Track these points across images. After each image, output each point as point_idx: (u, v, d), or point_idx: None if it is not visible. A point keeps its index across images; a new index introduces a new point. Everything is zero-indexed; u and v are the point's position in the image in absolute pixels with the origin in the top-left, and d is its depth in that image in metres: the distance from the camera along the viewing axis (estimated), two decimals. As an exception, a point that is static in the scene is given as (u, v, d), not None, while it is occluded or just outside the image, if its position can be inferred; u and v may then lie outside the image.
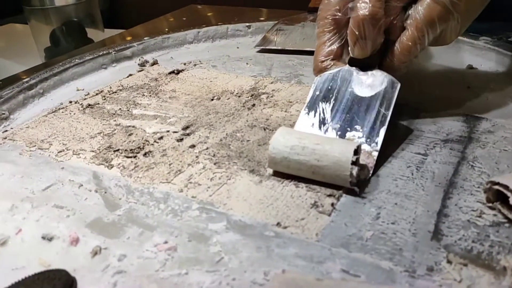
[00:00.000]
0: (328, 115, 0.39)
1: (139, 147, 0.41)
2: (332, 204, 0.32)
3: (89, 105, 0.50)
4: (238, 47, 0.67)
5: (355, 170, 0.32)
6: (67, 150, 0.41)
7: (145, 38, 0.66)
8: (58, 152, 0.41)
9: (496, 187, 0.31)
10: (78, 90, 0.55)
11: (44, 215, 0.33)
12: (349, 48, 0.39)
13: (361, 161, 0.35)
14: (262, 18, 0.74)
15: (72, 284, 0.25)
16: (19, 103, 0.51)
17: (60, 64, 0.57)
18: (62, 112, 0.49)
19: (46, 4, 0.73)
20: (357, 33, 0.38)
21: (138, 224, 0.32)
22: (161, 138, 0.42)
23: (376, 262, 0.28)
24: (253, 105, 0.48)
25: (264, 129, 0.43)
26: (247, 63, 0.60)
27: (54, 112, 0.49)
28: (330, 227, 0.31)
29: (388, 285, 0.25)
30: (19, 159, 0.41)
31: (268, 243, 0.29)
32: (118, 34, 0.72)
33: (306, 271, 0.27)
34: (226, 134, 0.42)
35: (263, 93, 0.50)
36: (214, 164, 0.38)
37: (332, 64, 0.41)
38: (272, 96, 0.49)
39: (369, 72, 0.40)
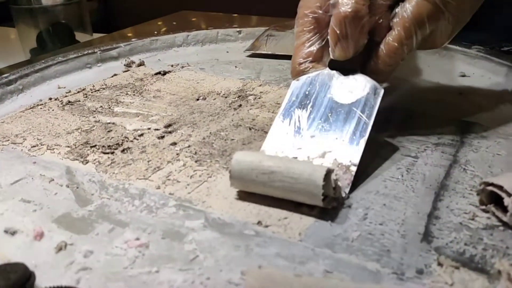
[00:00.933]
0: (304, 123, 0.36)
1: (117, 144, 0.39)
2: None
3: (69, 102, 0.48)
4: (227, 52, 0.66)
5: (330, 186, 0.29)
6: (41, 145, 0.39)
7: (133, 40, 0.64)
8: (32, 147, 0.39)
9: (490, 188, 0.29)
10: (59, 88, 0.53)
11: (9, 209, 0.31)
12: (330, 49, 0.36)
13: (336, 177, 0.31)
14: (253, 25, 0.73)
15: (30, 278, 0.23)
16: (-4, 98, 0.48)
17: (43, 61, 0.55)
18: (40, 108, 0.47)
19: (33, 3, 0.71)
20: (338, 32, 0.35)
21: (109, 220, 0.30)
22: (141, 135, 0.40)
23: (362, 263, 0.26)
24: (240, 105, 0.46)
25: (250, 129, 0.41)
26: (236, 67, 0.59)
27: (32, 108, 0.47)
28: (314, 227, 0.29)
29: (373, 284, 0.24)
30: (-11, 153, 0.38)
31: (247, 242, 0.27)
32: (106, 35, 0.71)
33: (286, 271, 0.25)
34: (210, 133, 0.41)
35: (251, 95, 0.49)
36: (195, 162, 0.36)
37: (311, 67, 0.38)
38: (259, 98, 0.48)
39: (351, 76, 0.37)
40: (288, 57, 0.59)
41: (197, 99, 0.48)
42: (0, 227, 0.29)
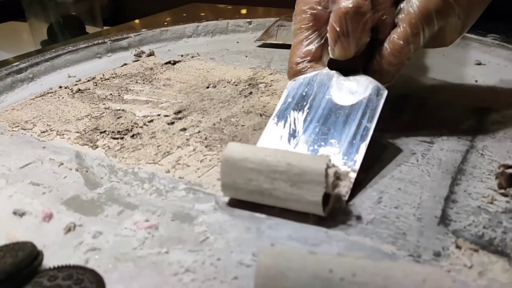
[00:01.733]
0: (299, 126, 0.32)
1: (127, 129, 0.39)
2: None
3: (79, 90, 0.48)
4: (237, 42, 0.65)
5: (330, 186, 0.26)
6: (51, 131, 0.39)
7: (143, 30, 0.64)
8: (41, 132, 0.39)
9: (510, 170, 0.28)
10: (69, 76, 0.53)
11: (18, 192, 0.31)
12: (329, 48, 0.33)
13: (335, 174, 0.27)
14: (260, 16, 0.72)
15: (38, 257, 0.23)
16: (7, 86, 0.48)
17: (53, 50, 0.55)
18: (51, 96, 0.47)
19: (44, -4, 0.72)
20: (338, 29, 0.32)
21: (118, 202, 0.29)
22: (151, 121, 0.40)
23: (376, 245, 0.25)
24: (250, 93, 0.45)
25: (261, 115, 0.40)
26: (246, 56, 0.58)
27: (42, 96, 0.47)
28: (327, 209, 0.28)
29: (389, 262, 0.23)
30: (-1, 138, 0.38)
31: (258, 225, 0.27)
32: (115, 27, 0.71)
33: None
34: (220, 119, 0.40)
35: (261, 83, 0.48)
36: (206, 146, 0.36)
37: (309, 66, 0.35)
38: (270, 86, 0.47)
39: (352, 77, 0.34)
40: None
41: (207, 87, 0.48)
42: (9, 209, 0.29)
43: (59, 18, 0.76)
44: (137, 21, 0.73)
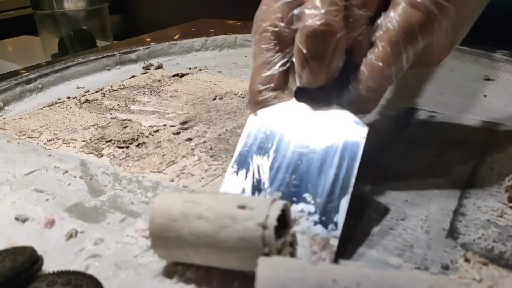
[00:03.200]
0: (265, 176, 0.27)
1: (133, 139, 0.39)
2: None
3: (87, 100, 0.48)
4: (245, 56, 0.65)
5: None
6: (57, 139, 0.39)
7: (152, 43, 0.64)
8: (48, 141, 0.39)
9: (520, 183, 0.27)
10: (78, 88, 0.53)
11: (22, 198, 0.31)
12: (296, 74, 0.28)
13: (313, 253, 0.23)
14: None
15: (37, 261, 0.22)
16: (15, 96, 0.49)
17: (63, 62, 0.56)
18: (58, 106, 0.47)
19: (56, 9, 0.73)
20: (305, 51, 0.26)
21: (121, 210, 0.29)
22: (157, 131, 0.40)
23: (383, 257, 0.24)
24: (257, 105, 0.45)
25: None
26: (253, 70, 0.58)
27: (50, 106, 0.47)
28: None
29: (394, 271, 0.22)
30: (6, 146, 0.38)
31: (262, 234, 0.26)
32: (125, 41, 0.72)
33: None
34: (226, 130, 0.40)
35: (268, 95, 0.48)
36: (210, 156, 0.35)
37: (272, 97, 0.29)
38: (277, 98, 0.47)
39: (324, 111, 0.29)
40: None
41: (214, 99, 0.48)
42: (12, 214, 0.29)
43: (70, 32, 0.77)
44: (146, 35, 0.74)
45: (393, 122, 0.41)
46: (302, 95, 0.29)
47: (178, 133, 0.39)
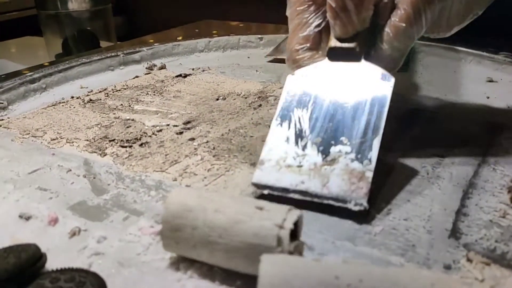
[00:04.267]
0: (305, 126, 0.30)
1: (136, 138, 0.39)
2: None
3: (91, 100, 0.48)
4: (248, 57, 0.65)
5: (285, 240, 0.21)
6: (61, 138, 0.39)
7: (155, 44, 0.65)
8: (51, 140, 0.39)
9: (522, 184, 0.27)
10: (82, 88, 0.53)
11: (25, 196, 0.31)
12: (331, 27, 0.31)
13: (351, 185, 0.27)
14: (271, 33, 0.73)
15: (41, 258, 0.22)
16: (19, 95, 0.49)
17: (67, 62, 0.56)
18: (62, 105, 0.47)
19: (60, 9, 0.73)
20: (333, 5, 0.30)
21: (124, 208, 0.29)
22: (160, 131, 0.40)
23: (385, 257, 0.24)
24: (260, 105, 0.45)
25: (269, 127, 0.40)
26: (256, 71, 0.58)
27: (53, 105, 0.47)
28: (334, 220, 0.27)
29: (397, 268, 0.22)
30: (9, 145, 0.39)
31: (264, 233, 0.26)
32: (128, 41, 0.72)
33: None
34: (229, 130, 0.40)
35: (271, 96, 0.48)
36: (213, 156, 0.35)
37: (308, 56, 0.33)
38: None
39: (355, 66, 0.32)
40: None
41: (217, 99, 0.48)
42: (15, 212, 0.29)
43: (74, 33, 0.77)
44: (149, 36, 0.74)
45: (396, 122, 0.41)
46: (334, 55, 0.32)
47: (181, 132, 0.40)
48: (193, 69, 0.59)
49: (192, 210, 0.23)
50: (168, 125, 0.41)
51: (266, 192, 0.29)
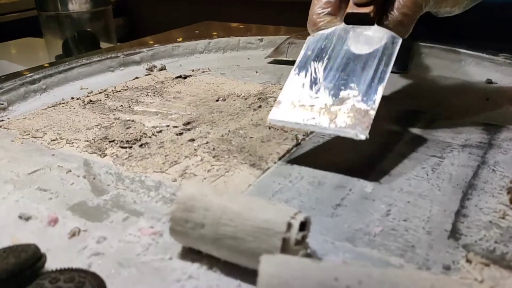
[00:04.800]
0: (320, 74, 0.35)
1: (136, 139, 0.39)
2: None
3: (91, 101, 0.48)
4: (248, 58, 0.66)
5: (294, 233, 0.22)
6: (61, 139, 0.39)
7: (155, 45, 0.65)
8: (51, 141, 0.39)
9: (522, 185, 0.27)
10: (82, 89, 0.54)
11: (25, 197, 0.31)
12: None
13: (356, 120, 0.32)
14: (271, 34, 0.73)
15: (40, 258, 0.22)
16: (20, 96, 0.49)
17: (67, 63, 0.56)
18: (62, 106, 0.47)
19: (60, 10, 0.73)
20: None
21: (124, 209, 0.29)
22: (160, 131, 0.40)
23: (384, 257, 0.24)
24: (260, 106, 0.45)
25: (269, 128, 0.40)
26: (256, 72, 0.59)
27: (54, 106, 0.47)
28: (334, 221, 0.27)
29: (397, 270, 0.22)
30: (10, 146, 0.39)
31: (264, 234, 0.26)
32: (128, 43, 0.72)
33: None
34: (229, 131, 0.40)
35: (271, 97, 0.48)
36: (213, 157, 0.35)
37: (327, 20, 0.38)
38: (280, 100, 0.47)
39: (368, 29, 0.36)
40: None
41: (217, 100, 0.48)
42: (15, 213, 0.29)
43: (75, 34, 0.77)
44: (149, 37, 0.75)
45: (396, 124, 0.41)
46: (350, 20, 0.37)
47: (181, 133, 0.40)
48: (193, 70, 0.59)
49: (207, 195, 0.24)
50: (168, 126, 0.41)
51: (280, 125, 0.35)
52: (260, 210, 0.23)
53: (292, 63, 0.62)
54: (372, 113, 0.32)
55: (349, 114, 0.32)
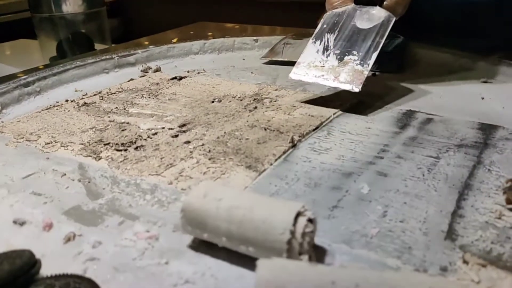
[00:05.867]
0: (331, 43, 0.46)
1: (131, 142, 0.38)
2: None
3: (85, 103, 0.48)
4: (244, 59, 0.65)
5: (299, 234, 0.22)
6: (55, 142, 0.39)
7: (150, 47, 0.65)
8: (46, 144, 0.39)
9: (518, 185, 0.27)
10: (76, 91, 0.53)
11: (20, 201, 0.30)
12: None
13: (353, 77, 0.43)
14: (266, 35, 0.73)
15: (35, 265, 0.22)
16: (14, 99, 0.49)
17: (61, 65, 0.56)
18: (56, 109, 0.47)
19: (54, 12, 0.73)
20: None
21: (119, 213, 0.29)
22: (155, 134, 0.40)
23: (381, 259, 0.24)
24: (255, 107, 0.45)
25: (265, 129, 0.40)
26: (252, 73, 0.58)
27: (48, 109, 0.47)
28: (330, 223, 0.27)
29: (393, 272, 0.22)
30: (3, 149, 0.38)
31: (261, 237, 0.26)
32: (123, 44, 0.72)
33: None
34: (224, 132, 0.40)
35: (266, 98, 0.48)
36: (209, 159, 0.35)
37: (341, 1, 0.49)
38: (275, 101, 0.47)
39: (371, 9, 0.47)
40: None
41: (212, 102, 0.48)
42: (9, 218, 0.28)
43: (69, 35, 0.77)
44: (144, 38, 0.74)
45: (392, 124, 0.41)
46: (358, 1, 0.48)
47: (176, 135, 0.39)
48: (188, 72, 0.59)
49: (224, 186, 0.27)
50: (163, 128, 0.41)
51: (300, 78, 0.46)
52: (273, 200, 0.25)
53: (287, 63, 0.62)
54: (366, 73, 0.43)
55: (349, 73, 0.44)
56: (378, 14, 0.46)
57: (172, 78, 0.56)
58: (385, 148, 0.37)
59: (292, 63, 0.61)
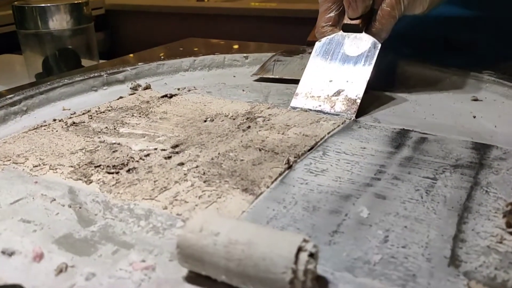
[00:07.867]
0: (324, 73, 0.50)
1: (123, 164, 0.37)
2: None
3: (74, 123, 0.47)
4: (234, 76, 0.65)
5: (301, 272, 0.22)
6: (44, 165, 0.38)
7: (139, 64, 0.64)
8: (34, 167, 0.37)
9: (518, 209, 0.27)
10: (64, 110, 0.52)
11: (8, 229, 0.29)
12: (345, 10, 0.50)
13: (347, 106, 0.47)
14: (253, 51, 0.73)
15: (26, 301, 0.21)
16: (-1, 119, 0.47)
17: (48, 83, 0.55)
18: (44, 129, 0.46)
19: (41, 28, 0.72)
20: None
21: (113, 241, 0.28)
22: (147, 155, 0.39)
23: (386, 288, 0.24)
24: (249, 127, 0.45)
25: (260, 150, 0.40)
26: (243, 90, 0.58)
27: (35, 129, 0.46)
28: (332, 249, 0.27)
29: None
30: (-11, 173, 0.37)
31: (261, 265, 0.25)
32: (110, 61, 0.71)
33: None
34: (219, 153, 0.39)
35: (259, 117, 0.48)
36: (204, 182, 0.35)
37: (329, 30, 0.52)
38: (268, 120, 0.47)
39: (358, 36, 0.50)
40: (296, 81, 0.59)
41: (205, 121, 0.47)
42: (-3, 247, 0.27)
43: (55, 51, 0.75)
44: (132, 55, 0.73)
45: (386, 143, 0.41)
46: (346, 29, 0.51)
47: (169, 157, 0.39)
48: (178, 89, 0.59)
49: (221, 216, 0.25)
50: (155, 149, 0.40)
51: (297, 109, 0.49)
52: (274, 232, 0.24)
53: (278, 81, 0.62)
54: (358, 101, 0.47)
55: (343, 103, 0.48)
56: (365, 41, 0.50)
57: (163, 96, 0.55)
58: (382, 169, 0.36)
59: (283, 80, 0.61)
